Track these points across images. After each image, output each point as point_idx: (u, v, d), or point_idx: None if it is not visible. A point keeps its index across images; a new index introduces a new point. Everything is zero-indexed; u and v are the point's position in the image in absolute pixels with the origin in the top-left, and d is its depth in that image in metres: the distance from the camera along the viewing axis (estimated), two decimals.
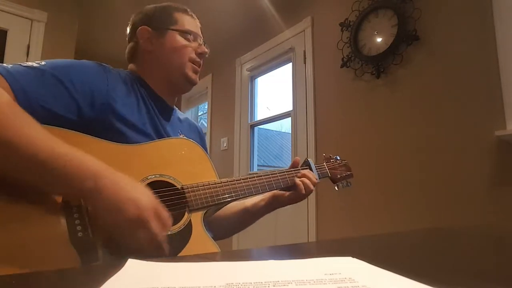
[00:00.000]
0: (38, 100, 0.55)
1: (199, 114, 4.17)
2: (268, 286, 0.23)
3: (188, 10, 0.83)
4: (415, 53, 1.80)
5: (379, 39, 1.96)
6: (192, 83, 0.80)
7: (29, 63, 0.58)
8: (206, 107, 3.76)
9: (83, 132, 0.58)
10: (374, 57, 1.95)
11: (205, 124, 3.74)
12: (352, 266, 0.30)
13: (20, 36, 2.36)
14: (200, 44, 0.81)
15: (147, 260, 0.32)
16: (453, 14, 1.65)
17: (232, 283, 0.24)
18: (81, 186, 0.48)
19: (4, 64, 0.55)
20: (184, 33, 0.79)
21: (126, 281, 0.26)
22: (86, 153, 0.51)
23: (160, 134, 0.73)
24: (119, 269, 0.28)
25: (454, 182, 1.57)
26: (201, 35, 0.83)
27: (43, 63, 0.60)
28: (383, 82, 1.94)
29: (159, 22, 0.79)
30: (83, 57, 0.81)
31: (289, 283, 0.24)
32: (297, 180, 0.82)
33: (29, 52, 2.36)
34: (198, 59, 0.80)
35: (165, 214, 0.53)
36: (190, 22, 0.81)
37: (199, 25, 0.84)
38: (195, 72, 0.80)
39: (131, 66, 0.82)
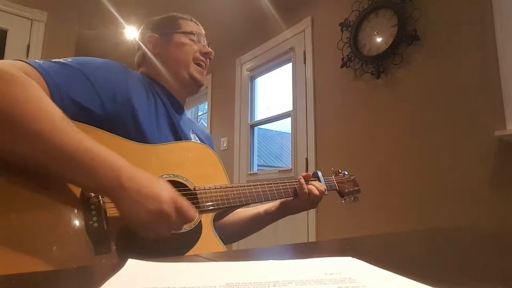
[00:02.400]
0: (69, 93, 0.58)
1: (199, 114, 4.17)
2: (268, 286, 0.23)
3: (192, 18, 0.88)
4: (415, 53, 1.79)
5: (379, 39, 1.96)
6: (198, 84, 0.83)
7: (56, 60, 0.61)
8: (206, 107, 3.76)
9: (106, 129, 0.60)
10: (374, 57, 1.95)
11: (205, 124, 3.74)
12: (352, 266, 0.30)
13: (20, 36, 2.36)
14: (204, 45, 0.85)
15: (147, 260, 0.32)
16: (453, 14, 1.65)
17: (232, 283, 0.24)
18: (105, 181, 0.50)
19: (36, 60, 0.58)
20: (188, 34, 0.83)
21: (126, 281, 0.26)
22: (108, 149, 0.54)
23: (176, 131, 0.76)
24: (119, 269, 0.28)
25: (454, 182, 1.57)
26: (205, 39, 0.88)
27: (69, 59, 0.63)
28: (383, 82, 1.94)
29: (164, 28, 0.85)
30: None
31: (289, 283, 0.24)
32: (305, 188, 0.84)
33: (29, 52, 2.36)
34: (203, 58, 0.84)
35: (186, 204, 0.55)
36: (194, 27, 0.86)
37: (203, 31, 0.88)
38: (200, 73, 0.84)
39: (140, 70, 0.86)
